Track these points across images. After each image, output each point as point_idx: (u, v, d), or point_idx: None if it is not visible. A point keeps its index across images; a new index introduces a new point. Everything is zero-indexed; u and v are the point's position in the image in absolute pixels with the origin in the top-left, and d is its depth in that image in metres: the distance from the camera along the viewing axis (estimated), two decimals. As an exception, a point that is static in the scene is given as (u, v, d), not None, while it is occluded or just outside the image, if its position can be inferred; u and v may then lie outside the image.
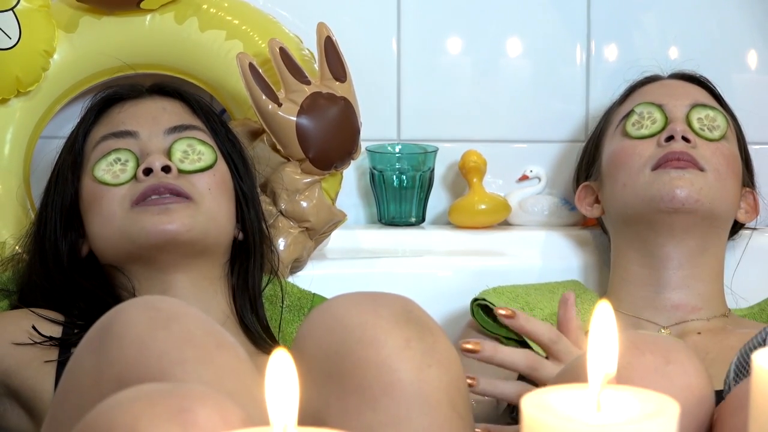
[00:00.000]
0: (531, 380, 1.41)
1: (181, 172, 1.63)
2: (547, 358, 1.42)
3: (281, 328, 1.75)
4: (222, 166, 1.68)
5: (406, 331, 1.16)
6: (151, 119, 1.68)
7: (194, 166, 1.64)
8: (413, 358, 1.15)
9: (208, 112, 1.73)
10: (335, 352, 1.17)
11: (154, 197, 1.60)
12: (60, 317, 1.60)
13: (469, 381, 1.34)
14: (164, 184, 1.61)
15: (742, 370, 1.23)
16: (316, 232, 1.86)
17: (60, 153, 1.72)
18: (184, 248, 1.60)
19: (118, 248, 1.62)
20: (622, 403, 0.78)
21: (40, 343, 1.55)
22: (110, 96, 1.72)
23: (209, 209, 1.63)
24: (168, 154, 1.65)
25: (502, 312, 1.42)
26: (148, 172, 1.62)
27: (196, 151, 1.66)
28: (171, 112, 1.70)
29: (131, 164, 1.63)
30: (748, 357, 1.22)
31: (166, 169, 1.62)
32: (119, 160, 1.64)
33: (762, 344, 1.22)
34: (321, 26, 1.85)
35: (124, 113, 1.69)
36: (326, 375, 1.16)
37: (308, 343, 1.19)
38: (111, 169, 1.63)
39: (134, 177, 1.62)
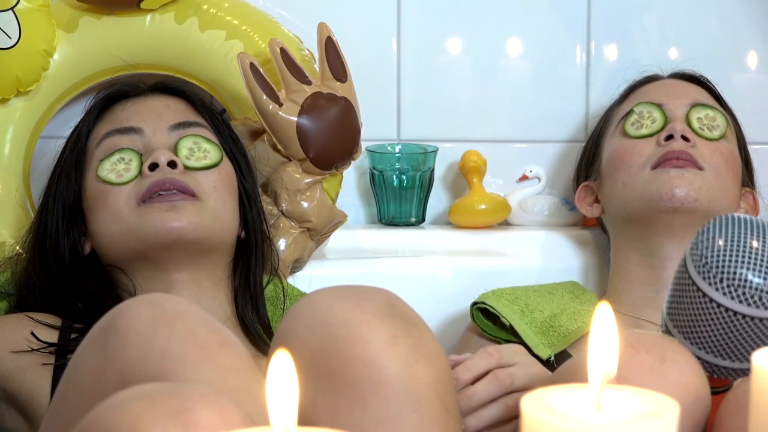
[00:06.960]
0: None
1: (187, 168, 1.63)
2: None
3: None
4: (227, 165, 1.67)
5: (392, 327, 1.16)
6: (155, 116, 1.68)
7: (200, 164, 1.64)
8: (401, 354, 1.15)
9: (210, 111, 1.73)
10: (320, 349, 1.16)
11: (161, 193, 1.60)
12: (57, 321, 1.59)
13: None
14: (170, 180, 1.60)
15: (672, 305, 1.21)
16: (317, 233, 1.86)
17: (62, 151, 1.71)
18: (191, 247, 1.60)
19: (123, 246, 1.62)
20: (622, 403, 0.78)
21: (38, 349, 1.54)
22: (113, 93, 1.72)
23: (214, 207, 1.62)
24: (174, 150, 1.64)
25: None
26: (153, 167, 1.61)
27: (201, 149, 1.66)
28: (175, 109, 1.70)
29: (135, 163, 1.63)
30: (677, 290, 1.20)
31: (172, 164, 1.61)
32: (123, 159, 1.63)
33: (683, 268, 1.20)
34: (322, 26, 1.85)
35: (128, 110, 1.69)
36: (313, 374, 1.15)
37: (291, 341, 1.17)
38: (115, 168, 1.63)
39: (139, 173, 1.62)
